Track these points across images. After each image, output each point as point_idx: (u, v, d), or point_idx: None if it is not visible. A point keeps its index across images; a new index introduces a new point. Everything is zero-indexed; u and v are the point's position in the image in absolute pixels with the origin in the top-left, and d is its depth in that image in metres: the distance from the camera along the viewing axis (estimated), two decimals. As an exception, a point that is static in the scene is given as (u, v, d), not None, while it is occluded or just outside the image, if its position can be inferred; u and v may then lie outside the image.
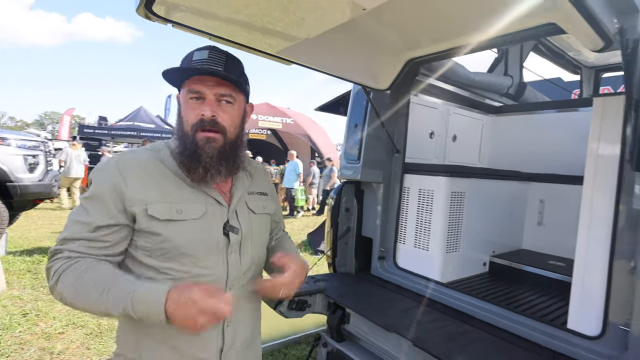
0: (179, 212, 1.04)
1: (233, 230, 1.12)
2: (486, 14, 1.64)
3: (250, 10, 1.44)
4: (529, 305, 2.18)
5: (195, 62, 1.07)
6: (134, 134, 15.00)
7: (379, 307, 2.10)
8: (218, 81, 1.07)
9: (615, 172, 1.67)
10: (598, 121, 1.77)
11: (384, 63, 2.17)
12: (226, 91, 1.08)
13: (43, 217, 9.38)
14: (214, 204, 1.12)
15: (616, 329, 1.61)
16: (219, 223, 1.11)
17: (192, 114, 1.07)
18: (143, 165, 1.07)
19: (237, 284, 1.14)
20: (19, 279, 4.66)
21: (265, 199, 1.29)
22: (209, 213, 1.10)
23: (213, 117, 1.06)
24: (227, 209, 1.14)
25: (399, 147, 2.50)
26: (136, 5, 1.29)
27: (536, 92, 3.65)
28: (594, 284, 1.74)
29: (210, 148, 1.06)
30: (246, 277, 1.17)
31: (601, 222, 1.72)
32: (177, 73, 1.09)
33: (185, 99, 1.09)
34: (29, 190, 4.86)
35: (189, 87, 1.07)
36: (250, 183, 1.25)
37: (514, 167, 3.11)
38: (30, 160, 4.85)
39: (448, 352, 1.68)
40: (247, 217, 1.19)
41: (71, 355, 3.02)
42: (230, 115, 1.10)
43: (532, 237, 3.07)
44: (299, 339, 3.41)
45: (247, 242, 1.17)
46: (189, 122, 1.07)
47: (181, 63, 1.11)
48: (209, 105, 1.06)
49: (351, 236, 2.64)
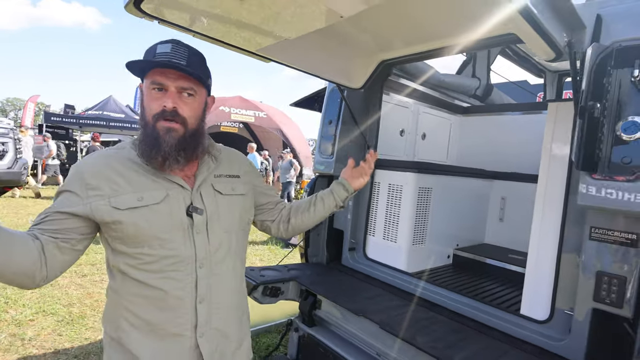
0: (139, 199, 1.11)
1: (196, 211, 1.18)
2: (453, 23, 1.77)
3: (235, 12, 1.52)
4: (488, 294, 2.35)
5: (158, 55, 1.11)
6: (102, 124, 14.56)
7: (349, 294, 2.23)
8: (180, 74, 1.11)
9: (565, 171, 1.82)
10: (551, 124, 1.94)
11: (358, 63, 2.28)
12: (187, 84, 1.13)
13: (8, 205, 9.08)
14: (176, 188, 1.18)
15: (562, 314, 1.76)
16: (181, 205, 1.17)
17: (154, 104, 1.12)
18: (103, 163, 1.14)
19: (207, 262, 1.19)
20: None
21: (236, 181, 1.34)
22: (171, 197, 1.16)
23: (174, 108, 1.11)
24: (190, 192, 1.20)
25: (370, 143, 2.62)
26: (125, 3, 1.35)
27: (502, 94, 3.85)
28: (544, 273, 1.90)
29: (170, 137, 1.11)
30: (217, 256, 1.22)
31: (552, 218, 1.87)
32: (140, 65, 1.13)
33: (148, 90, 1.13)
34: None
35: (152, 79, 1.12)
36: (216, 166, 1.30)
37: (480, 165, 3.27)
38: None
39: (411, 334, 1.81)
40: (212, 198, 1.24)
41: (43, 342, 3.02)
42: (191, 107, 1.15)
43: (494, 232, 3.27)
44: (270, 328, 3.53)
45: (213, 222, 1.22)
46: (151, 111, 1.12)
47: (144, 55, 1.16)
48: (170, 97, 1.11)
49: (323, 228, 2.76)
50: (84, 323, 3.38)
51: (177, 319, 1.15)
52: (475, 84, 3.50)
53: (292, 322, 2.45)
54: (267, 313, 3.52)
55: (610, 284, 1.55)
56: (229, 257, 1.27)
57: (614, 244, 1.53)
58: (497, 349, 1.78)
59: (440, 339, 1.80)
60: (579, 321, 1.64)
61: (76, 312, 3.58)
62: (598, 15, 1.55)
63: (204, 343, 1.18)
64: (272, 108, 15.09)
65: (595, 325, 1.59)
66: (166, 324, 1.14)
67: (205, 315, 1.19)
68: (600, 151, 1.51)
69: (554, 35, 1.41)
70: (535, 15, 1.25)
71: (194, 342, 1.17)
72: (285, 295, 2.38)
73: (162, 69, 1.11)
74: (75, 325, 3.35)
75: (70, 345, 3.03)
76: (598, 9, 1.56)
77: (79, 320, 3.44)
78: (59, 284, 4.32)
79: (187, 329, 1.16)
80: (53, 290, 4.10)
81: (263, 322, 3.54)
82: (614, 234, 1.53)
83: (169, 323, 1.14)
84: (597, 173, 1.49)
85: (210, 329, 1.20)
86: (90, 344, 3.05)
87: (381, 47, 2.21)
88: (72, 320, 3.42)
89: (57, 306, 3.66)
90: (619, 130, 1.47)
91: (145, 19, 1.48)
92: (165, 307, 1.14)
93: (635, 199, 1.37)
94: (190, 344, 1.17)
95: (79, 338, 3.14)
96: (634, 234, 1.48)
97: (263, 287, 2.25)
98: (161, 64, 1.10)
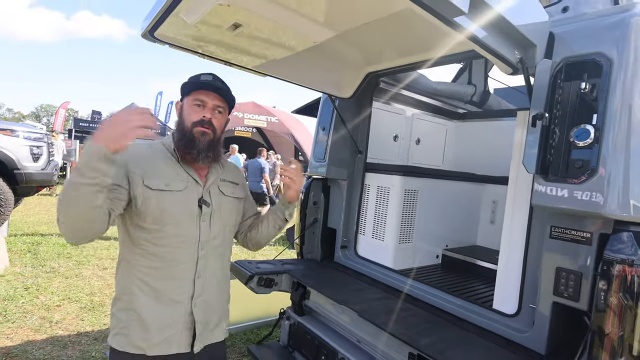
0: (167, 185, 1.43)
1: (205, 204, 1.51)
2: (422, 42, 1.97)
3: (229, 40, 1.82)
4: (468, 290, 2.49)
5: (203, 81, 1.49)
6: None
7: (335, 287, 2.42)
8: (216, 96, 1.50)
9: (531, 175, 1.97)
10: (520, 129, 2.08)
11: (346, 76, 2.49)
12: (221, 104, 1.53)
13: (40, 204, 9.69)
14: (193, 182, 1.50)
15: (528, 308, 1.88)
16: (195, 197, 1.49)
17: (195, 115, 1.48)
18: (140, 151, 1.47)
19: (207, 246, 1.51)
20: (20, 257, 5.01)
21: (235, 187, 1.68)
22: (189, 188, 1.48)
23: (210, 119, 1.49)
24: (202, 188, 1.53)
25: (361, 148, 2.82)
26: (142, 31, 1.69)
27: (500, 100, 3.95)
28: (513, 270, 2.02)
29: (205, 139, 1.48)
30: (214, 242, 1.54)
31: (519, 218, 2.01)
32: (192, 86, 1.50)
33: (190, 105, 1.50)
34: (33, 178, 5.30)
35: (195, 97, 1.49)
36: (222, 172, 1.63)
37: (476, 169, 3.39)
38: (35, 150, 5.28)
39: (385, 322, 1.99)
40: (217, 196, 1.57)
41: (68, 325, 3.37)
42: (219, 121, 1.54)
43: (486, 234, 3.39)
44: (270, 322, 3.76)
45: (215, 215, 1.54)
46: (191, 119, 1.48)
47: (190, 80, 1.52)
48: (208, 111, 1.49)
49: (318, 227, 2.96)
50: (104, 310, 3.71)
51: (178, 288, 1.44)
52: (470, 90, 3.62)
53: (285, 311, 2.67)
54: (268, 309, 3.77)
55: (568, 279, 1.66)
56: (222, 245, 1.59)
57: (571, 241, 1.64)
58: (464, 338, 1.92)
59: (413, 327, 1.95)
60: (542, 314, 1.75)
61: (97, 301, 3.92)
62: (551, 33, 1.70)
63: (198, 311, 1.47)
64: (284, 113, 15.40)
65: (556, 317, 1.71)
66: (169, 292, 1.42)
67: (200, 289, 1.48)
68: (552, 156, 1.64)
69: (504, 53, 1.58)
70: (478, 39, 1.42)
71: (190, 309, 1.45)
72: (278, 287, 2.60)
73: (204, 90, 1.49)
74: (96, 312, 3.68)
75: (91, 329, 3.36)
76: (551, 27, 1.71)
77: (99, 307, 3.77)
78: (83, 275, 4.70)
79: (186, 297, 1.45)
80: (77, 280, 4.48)
81: (265, 316, 3.80)
82: (571, 233, 1.65)
83: (172, 291, 1.42)
84: (550, 175, 1.63)
85: (202, 300, 1.49)
86: (108, 329, 3.33)
87: (367, 60, 2.41)
88: (93, 308, 3.76)
89: (80, 294, 4.03)
90: (572, 137, 1.61)
91: (158, 44, 1.83)
92: (170, 278, 1.42)
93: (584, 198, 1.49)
94: (185, 311, 1.45)
95: (99, 323, 3.46)
96: (588, 233, 1.60)
97: (258, 277, 2.47)
98: (210, 86, 1.49)
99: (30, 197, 6.73)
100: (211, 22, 1.64)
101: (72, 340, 3.14)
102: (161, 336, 1.41)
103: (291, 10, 1.58)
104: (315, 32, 1.71)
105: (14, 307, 3.58)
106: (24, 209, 8.61)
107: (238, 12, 1.56)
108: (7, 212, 5.03)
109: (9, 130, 5.23)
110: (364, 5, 1.61)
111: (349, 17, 1.66)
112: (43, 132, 5.87)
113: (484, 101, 3.79)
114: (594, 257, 1.57)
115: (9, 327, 3.24)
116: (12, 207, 5.13)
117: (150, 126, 1.18)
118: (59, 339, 3.15)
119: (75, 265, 5.09)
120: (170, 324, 1.43)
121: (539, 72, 1.66)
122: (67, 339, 3.16)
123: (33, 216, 8.03)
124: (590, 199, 1.48)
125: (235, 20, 1.63)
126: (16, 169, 5.09)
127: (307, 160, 13.10)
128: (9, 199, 4.99)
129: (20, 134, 5.26)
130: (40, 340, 3.11)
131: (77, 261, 5.21)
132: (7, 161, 5.04)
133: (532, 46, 1.68)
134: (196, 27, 1.65)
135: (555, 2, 1.90)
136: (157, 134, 10.18)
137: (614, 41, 1.52)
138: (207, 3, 1.47)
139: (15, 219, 7.14)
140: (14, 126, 5.52)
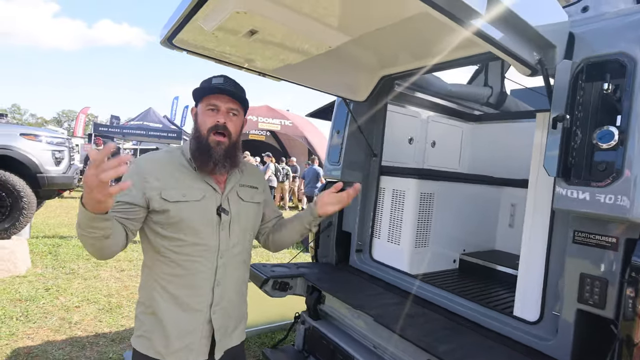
0: (184, 195, 1.41)
1: (224, 212, 1.48)
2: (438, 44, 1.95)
3: (245, 45, 1.83)
4: (487, 296, 2.44)
5: (214, 85, 1.46)
6: (143, 133, 15.90)
7: (351, 291, 2.40)
8: (229, 99, 1.46)
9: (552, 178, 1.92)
10: (540, 132, 2.04)
11: (361, 79, 2.48)
12: (234, 106, 1.48)
13: (61, 206, 9.91)
14: (211, 191, 1.47)
15: (551, 315, 1.83)
16: (213, 205, 1.47)
17: (209, 120, 1.45)
18: (157, 162, 1.45)
19: (226, 254, 1.49)
20: (41, 259, 5.15)
21: (255, 191, 1.64)
22: (207, 197, 1.45)
23: (224, 123, 1.45)
24: (220, 195, 1.50)
25: (376, 151, 2.80)
26: (160, 38, 1.73)
27: (518, 102, 3.88)
28: (534, 276, 1.97)
29: (220, 149, 1.44)
30: (234, 250, 1.51)
31: (541, 223, 1.96)
32: (203, 91, 1.47)
33: (204, 110, 1.46)
34: (55, 182, 5.43)
35: (208, 102, 1.46)
36: (241, 177, 1.60)
37: (493, 172, 3.33)
38: (57, 154, 5.43)
39: (403, 328, 1.96)
40: (236, 203, 1.54)
41: (86, 326, 3.43)
42: (235, 124, 1.49)
43: (504, 238, 3.31)
44: (284, 326, 3.76)
45: (234, 223, 1.52)
46: (205, 126, 1.45)
47: (202, 84, 1.50)
48: (222, 115, 1.45)
49: (332, 230, 2.95)
50: (121, 312, 3.77)
51: (198, 297, 1.43)
52: (487, 92, 3.57)
53: (300, 315, 2.66)
54: (283, 312, 3.76)
55: (593, 286, 1.60)
56: (242, 252, 1.57)
57: (595, 247, 1.59)
58: (484, 345, 1.88)
59: (430, 333, 1.91)
60: (566, 322, 1.70)
61: (115, 302, 3.98)
62: (570, 33, 1.66)
63: (216, 319, 1.47)
64: (297, 117, 15.47)
65: (581, 325, 1.65)
66: (189, 300, 1.42)
67: (219, 297, 1.47)
68: (574, 158, 1.60)
69: (522, 54, 1.55)
70: (495, 40, 1.40)
71: (208, 317, 1.45)
72: (293, 290, 2.60)
73: (216, 94, 1.45)
74: (114, 313, 3.74)
75: (109, 330, 3.41)
76: (571, 27, 1.67)
77: (116, 309, 3.83)
78: (101, 276, 4.79)
79: (205, 306, 1.44)
80: (96, 282, 4.56)
81: (280, 319, 3.80)
82: (595, 238, 1.59)
83: (191, 299, 1.42)
84: (572, 178, 1.58)
85: (221, 308, 1.48)
86: (125, 330, 3.42)
87: (382, 63, 2.40)
88: (110, 309, 3.82)
89: (98, 296, 4.10)
90: (595, 139, 1.56)
91: (176, 51, 1.86)
92: (189, 286, 1.42)
93: (609, 202, 1.44)
94: (205, 318, 1.45)
95: (116, 325, 3.52)
96: (614, 237, 1.54)
97: (273, 281, 2.48)
98: (219, 90, 1.45)
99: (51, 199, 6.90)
100: (228, 29, 1.65)
101: (91, 342, 3.20)
102: (181, 343, 1.42)
103: (306, 16, 1.59)
104: (330, 36, 1.71)
105: (35, 308, 3.67)
106: (45, 211, 8.83)
107: (255, 19, 1.56)
108: (30, 215, 5.17)
109: (32, 135, 5.39)
110: (379, 10, 1.60)
111: (363, 22, 1.65)
112: (64, 136, 6.02)
113: (500, 103, 3.73)
114: (620, 263, 1.51)
115: (30, 327, 3.32)
116: (34, 209, 5.27)
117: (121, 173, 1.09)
118: (77, 339, 3.21)
119: (94, 267, 5.19)
120: (191, 331, 1.43)
121: (559, 73, 1.62)
122: (85, 340, 3.22)
123: (54, 218, 8.23)
124: (616, 203, 1.43)
125: (252, 27, 1.63)
126: (39, 173, 5.23)
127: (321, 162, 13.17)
128: (32, 202, 5.13)
129: (43, 139, 5.40)
130: (60, 341, 3.17)
131: (96, 263, 5.31)
132: (30, 165, 5.17)
133: (552, 47, 1.64)
134: (213, 34, 1.66)
135: (575, 2, 1.85)
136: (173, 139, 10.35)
137: (638, 40, 1.47)
138: (224, 10, 1.48)
139: (37, 222, 7.34)
140: (37, 131, 5.69)
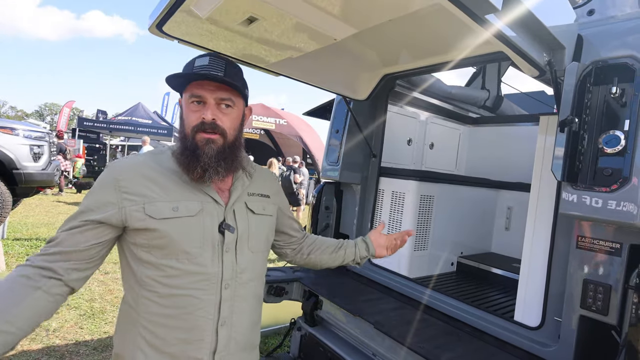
0: (174, 209, 1.08)
1: (228, 229, 1.15)
2: (447, 42, 1.89)
3: (243, 35, 1.70)
4: (486, 300, 2.41)
5: (196, 68, 1.13)
6: (131, 129, 15.40)
7: (349, 296, 2.33)
8: (218, 86, 1.12)
9: (555, 182, 1.89)
10: (543, 135, 2.01)
11: (362, 77, 2.41)
12: (226, 95, 1.13)
13: (41, 205, 9.59)
14: (211, 202, 1.15)
15: (552, 321, 1.81)
16: (214, 221, 1.14)
17: (193, 116, 1.12)
18: (138, 168, 1.12)
19: (233, 283, 1.15)
20: (17, 261, 4.89)
21: (267, 201, 1.31)
22: (205, 211, 1.13)
23: (213, 120, 1.10)
24: (223, 208, 1.17)
25: (375, 152, 2.74)
26: (149, 25, 1.55)
27: (513, 105, 3.90)
28: (536, 281, 1.95)
29: (210, 149, 1.10)
30: (243, 277, 1.18)
31: (543, 227, 1.94)
32: (179, 79, 1.15)
33: (187, 103, 1.13)
34: (33, 178, 5.18)
35: (191, 92, 1.12)
36: (250, 183, 1.28)
37: (490, 175, 3.32)
38: (35, 150, 5.19)
39: (403, 334, 1.90)
40: (244, 216, 1.21)
41: (66, 333, 3.25)
42: (229, 118, 1.14)
43: (500, 241, 3.31)
44: (278, 330, 3.66)
45: (243, 242, 1.18)
46: (190, 124, 1.12)
47: (183, 69, 1.18)
48: (209, 108, 1.11)
49: (330, 232, 2.88)
50: (104, 317, 3.60)
51: (198, 342, 1.10)
52: (484, 95, 3.57)
53: (295, 321, 2.58)
54: (277, 316, 3.65)
55: (596, 292, 1.58)
56: (254, 279, 1.23)
57: (599, 252, 1.57)
58: (486, 352, 1.85)
59: (431, 339, 1.87)
60: (568, 328, 1.68)
61: (97, 307, 3.81)
62: (579, 35, 1.64)
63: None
64: (292, 115, 15.40)
65: (583, 332, 1.63)
66: (185, 347, 1.09)
67: (225, 340, 1.14)
68: (581, 163, 1.57)
69: (533, 55, 1.51)
70: (508, 38, 1.35)
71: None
72: (289, 295, 2.51)
73: (200, 81, 1.12)
74: (96, 319, 3.57)
75: (90, 337, 3.24)
76: (579, 30, 1.64)
77: (99, 314, 3.66)
78: (84, 279, 4.58)
79: (206, 354, 1.11)
80: (78, 285, 4.36)
81: (274, 324, 3.68)
82: (599, 243, 1.58)
83: (189, 346, 1.09)
84: (579, 183, 1.56)
85: (228, 354, 1.15)
86: (109, 338, 3.26)
87: (384, 62, 2.33)
88: (93, 315, 3.64)
89: (80, 300, 3.91)
90: (601, 144, 1.54)
91: (166, 39, 1.69)
92: (185, 329, 1.09)
93: (615, 208, 1.42)
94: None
95: (99, 331, 3.35)
96: (617, 243, 1.52)
97: (268, 286, 2.38)
98: (200, 76, 1.11)
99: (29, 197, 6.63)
100: (224, 16, 1.50)
101: (70, 350, 3.01)
102: None
103: (311, 3, 1.43)
104: (336, 28, 1.58)
105: (10, 313, 3.47)
106: (23, 210, 8.50)
107: (253, 5, 1.41)
108: (4, 214, 4.93)
109: (8, 128, 5.12)
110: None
111: (373, 12, 1.56)
112: (45, 131, 5.78)
113: (497, 106, 3.73)
114: (624, 269, 1.49)
115: (5, 335, 3.12)
116: (10, 208, 5.02)
117: None
118: (55, 348, 3.02)
119: (75, 269, 4.95)
120: None
121: (568, 75, 1.58)
122: (64, 348, 3.03)
123: (32, 217, 7.92)
124: (622, 209, 1.41)
125: (250, 14, 1.49)
126: (15, 169, 4.97)
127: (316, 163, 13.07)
128: (7, 200, 4.88)
129: (20, 133, 5.15)
130: (35, 351, 2.97)
131: (77, 265, 5.08)
132: (5, 160, 4.91)
133: (561, 48, 1.61)
134: (207, 20, 1.52)
135: (580, 5, 1.83)
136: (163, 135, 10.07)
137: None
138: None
139: (13, 221, 7.03)
140: (14, 124, 5.42)
